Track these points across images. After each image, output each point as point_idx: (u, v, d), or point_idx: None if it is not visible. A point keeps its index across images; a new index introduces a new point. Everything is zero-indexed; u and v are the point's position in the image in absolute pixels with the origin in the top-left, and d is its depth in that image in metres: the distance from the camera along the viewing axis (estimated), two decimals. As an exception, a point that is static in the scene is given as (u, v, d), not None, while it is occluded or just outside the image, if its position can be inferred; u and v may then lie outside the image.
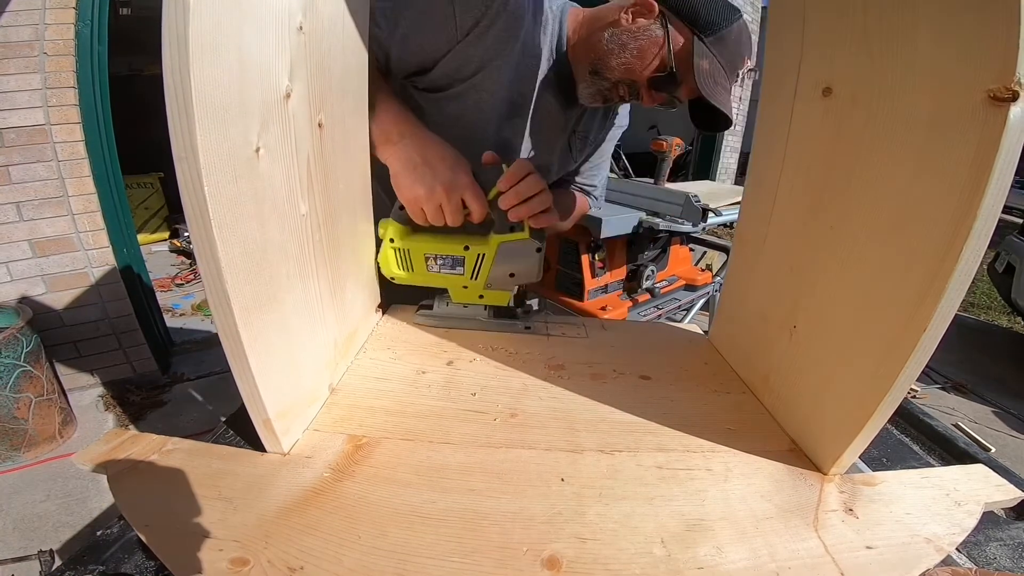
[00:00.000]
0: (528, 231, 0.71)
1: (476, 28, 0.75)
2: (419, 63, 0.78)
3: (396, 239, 0.73)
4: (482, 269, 0.73)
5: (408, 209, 0.70)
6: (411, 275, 0.75)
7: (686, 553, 0.41)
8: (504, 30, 0.76)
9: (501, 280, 0.74)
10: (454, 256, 0.73)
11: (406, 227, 0.73)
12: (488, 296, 0.77)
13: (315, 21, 0.51)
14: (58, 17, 1.94)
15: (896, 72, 0.44)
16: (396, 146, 0.70)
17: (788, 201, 0.60)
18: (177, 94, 0.33)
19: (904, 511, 0.46)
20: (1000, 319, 4.23)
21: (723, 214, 2.38)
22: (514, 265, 0.73)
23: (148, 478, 0.45)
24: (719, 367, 0.72)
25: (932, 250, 0.39)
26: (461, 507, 0.44)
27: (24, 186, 2.03)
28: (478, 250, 0.72)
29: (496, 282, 0.74)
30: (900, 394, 0.43)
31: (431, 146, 0.70)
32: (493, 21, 0.75)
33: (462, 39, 0.75)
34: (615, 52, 0.78)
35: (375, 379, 0.64)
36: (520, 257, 0.72)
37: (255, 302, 0.43)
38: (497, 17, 0.75)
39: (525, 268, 0.73)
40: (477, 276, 0.74)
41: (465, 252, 0.73)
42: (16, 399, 1.88)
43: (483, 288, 0.75)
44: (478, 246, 0.72)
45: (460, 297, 0.78)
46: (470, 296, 0.77)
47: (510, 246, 0.71)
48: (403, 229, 0.73)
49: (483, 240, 0.73)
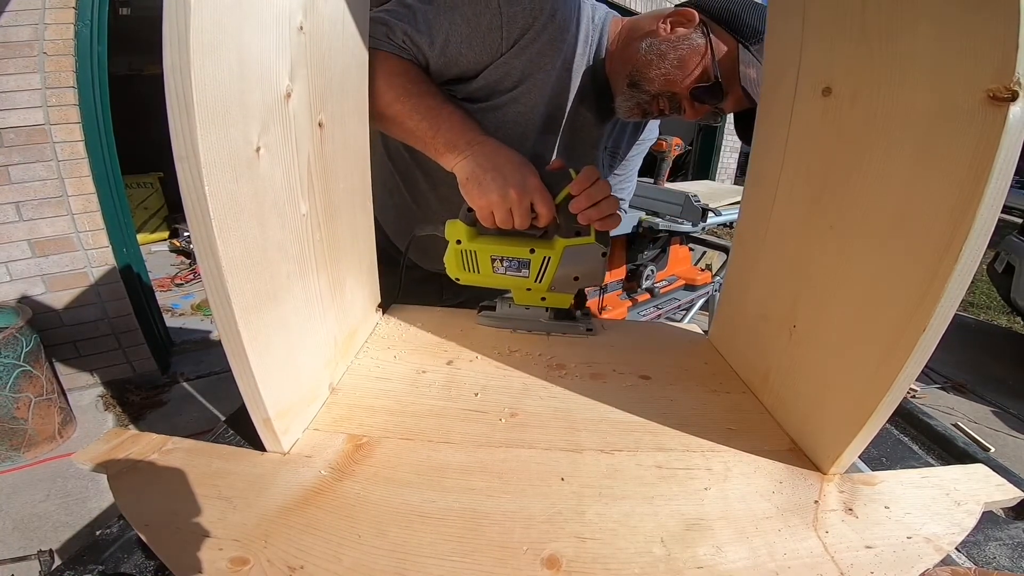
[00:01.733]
0: (594, 235, 0.71)
1: (522, 40, 0.73)
2: (460, 72, 0.76)
3: (464, 240, 0.74)
4: (547, 272, 0.74)
5: (478, 213, 0.71)
6: (476, 276, 0.76)
7: (685, 552, 0.41)
8: (549, 43, 0.75)
9: (565, 283, 0.75)
10: (520, 259, 0.74)
11: (473, 229, 0.74)
12: (550, 299, 0.77)
13: (316, 21, 0.51)
14: (58, 17, 1.94)
15: (896, 72, 0.44)
16: (463, 154, 0.70)
17: (788, 201, 0.60)
18: (178, 94, 0.33)
19: (904, 511, 0.46)
20: (1000, 319, 4.23)
21: (723, 214, 2.39)
22: (578, 268, 0.73)
23: (148, 478, 0.45)
24: (719, 367, 0.72)
25: (931, 249, 0.39)
26: (461, 506, 0.44)
27: (24, 186, 2.03)
28: (544, 253, 0.73)
29: (559, 285, 0.75)
30: (900, 394, 0.43)
31: (501, 152, 0.70)
32: (539, 33, 0.74)
33: (507, 51, 0.74)
34: (654, 63, 0.76)
35: (375, 378, 0.64)
36: (585, 260, 0.73)
37: (255, 301, 0.43)
38: (544, 29, 0.73)
39: (590, 271, 0.73)
40: (542, 279, 0.75)
41: (531, 255, 0.73)
42: (16, 399, 1.88)
43: (546, 291, 0.76)
44: (544, 249, 0.73)
45: (523, 299, 0.78)
46: (533, 298, 0.78)
47: (576, 249, 0.72)
48: (470, 231, 0.74)
49: (548, 243, 0.73)
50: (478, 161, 0.69)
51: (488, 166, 0.69)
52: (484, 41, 0.73)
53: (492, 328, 0.79)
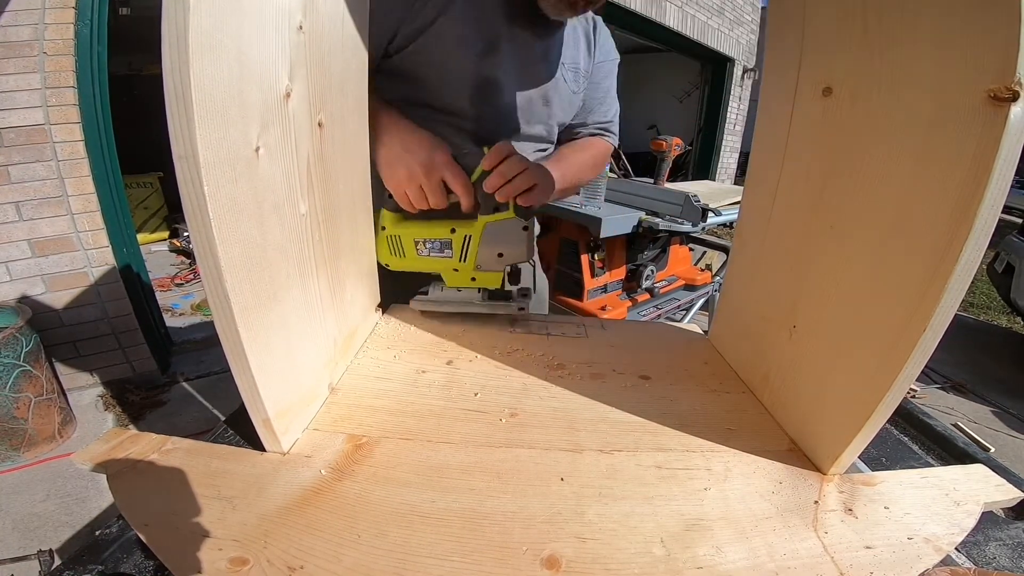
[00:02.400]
0: (514, 210, 0.71)
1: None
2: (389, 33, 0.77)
3: (388, 226, 0.76)
4: (470, 251, 0.74)
5: (395, 196, 0.73)
6: (403, 261, 0.77)
7: (685, 553, 0.41)
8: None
9: (490, 261, 0.75)
10: (441, 239, 0.74)
11: (397, 215, 0.76)
12: (480, 278, 0.77)
13: (315, 20, 0.51)
14: (58, 17, 1.94)
15: (896, 71, 0.44)
16: (380, 139, 0.73)
17: (788, 200, 0.60)
18: (177, 94, 0.33)
19: (903, 511, 0.46)
20: (1000, 319, 4.23)
21: (723, 214, 2.38)
22: (501, 245, 0.73)
23: (147, 477, 0.45)
24: (718, 367, 0.72)
25: (932, 249, 0.39)
26: (461, 506, 0.44)
27: (23, 186, 2.03)
28: (464, 232, 0.73)
29: (485, 263, 0.75)
30: (900, 394, 0.43)
31: (409, 133, 0.72)
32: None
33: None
34: None
35: (375, 378, 0.64)
36: (507, 236, 0.73)
37: (255, 301, 0.43)
38: None
39: (513, 247, 0.73)
40: (466, 258, 0.75)
41: (452, 235, 0.74)
42: (15, 399, 1.88)
43: (473, 270, 0.76)
44: (464, 228, 0.73)
45: (453, 281, 0.79)
46: (462, 279, 0.78)
47: (496, 226, 0.72)
48: (394, 217, 0.76)
49: (469, 222, 0.73)
50: (390, 144, 0.72)
51: (398, 148, 0.71)
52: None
53: (438, 319, 0.80)
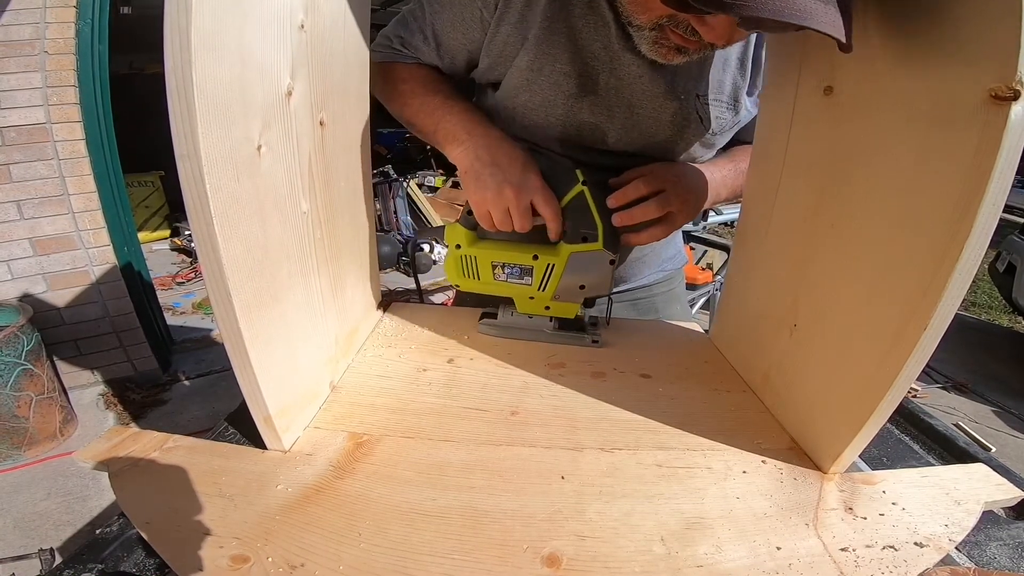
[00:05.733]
0: (602, 240, 0.66)
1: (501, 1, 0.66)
2: (468, 59, 0.73)
3: (463, 245, 0.71)
4: (551, 280, 0.69)
5: (475, 211, 0.67)
6: (475, 283, 0.73)
7: (686, 551, 0.41)
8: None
9: (570, 292, 0.70)
10: (522, 266, 0.69)
11: (473, 233, 0.71)
12: (555, 308, 0.73)
13: (317, 19, 0.51)
14: (59, 16, 1.94)
15: (897, 71, 0.44)
16: (463, 145, 0.67)
17: (789, 199, 0.60)
18: (179, 92, 0.33)
19: (904, 510, 0.46)
20: (1001, 319, 4.22)
21: (723, 213, 2.38)
22: (585, 277, 0.68)
23: (149, 475, 0.45)
24: (719, 365, 0.72)
25: (933, 249, 0.39)
26: (461, 504, 0.44)
27: (25, 184, 2.04)
28: (548, 260, 0.68)
29: (564, 294, 0.70)
30: (900, 393, 0.43)
31: (500, 145, 0.66)
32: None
33: (492, 18, 0.67)
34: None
35: (376, 377, 0.64)
36: (592, 268, 0.68)
37: (256, 300, 0.43)
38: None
39: (596, 280, 0.68)
40: (545, 287, 0.70)
41: (534, 261, 0.69)
42: (17, 397, 1.89)
43: (550, 300, 0.72)
44: (548, 256, 0.68)
45: (526, 308, 0.74)
46: (536, 307, 0.74)
47: (581, 256, 0.67)
48: (470, 235, 0.71)
49: (553, 249, 0.69)
50: (477, 153, 0.66)
51: (487, 160, 0.65)
52: (465, 17, 0.69)
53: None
